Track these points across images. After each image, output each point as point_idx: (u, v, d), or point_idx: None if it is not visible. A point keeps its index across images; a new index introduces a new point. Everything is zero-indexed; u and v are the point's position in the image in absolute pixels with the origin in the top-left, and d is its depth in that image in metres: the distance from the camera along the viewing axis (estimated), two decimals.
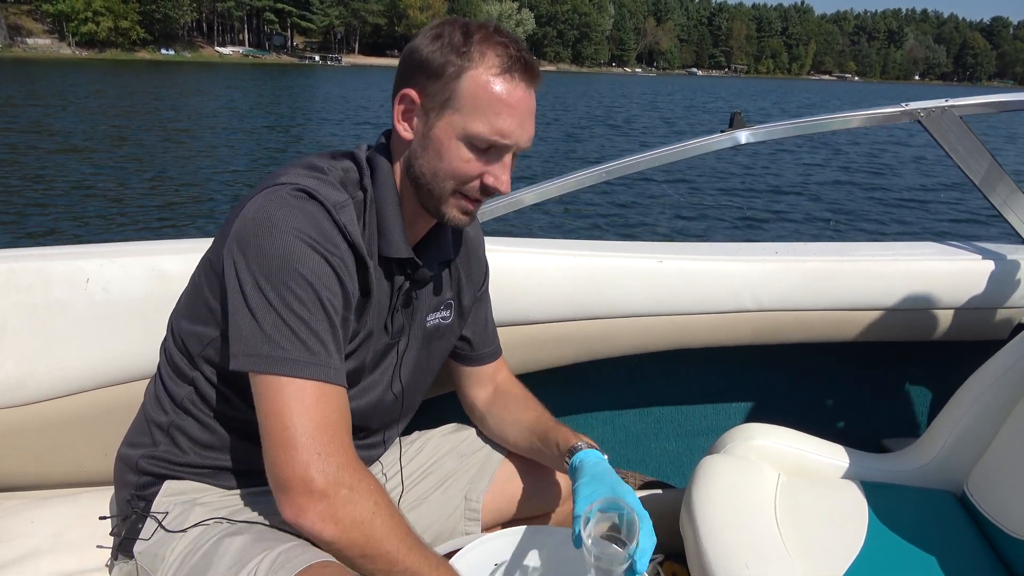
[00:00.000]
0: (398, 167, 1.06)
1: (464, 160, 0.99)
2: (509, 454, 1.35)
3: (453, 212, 1.04)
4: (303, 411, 0.93)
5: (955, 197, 11.96)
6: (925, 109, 1.76)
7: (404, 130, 1.02)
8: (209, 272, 1.06)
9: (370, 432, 1.22)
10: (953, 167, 1.88)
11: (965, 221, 10.37)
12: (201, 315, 1.07)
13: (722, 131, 1.76)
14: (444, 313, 1.23)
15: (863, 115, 1.80)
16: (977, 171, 1.85)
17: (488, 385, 1.36)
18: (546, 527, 1.30)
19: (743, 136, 1.76)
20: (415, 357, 1.21)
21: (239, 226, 0.97)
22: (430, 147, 1.00)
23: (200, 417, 1.10)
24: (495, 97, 0.96)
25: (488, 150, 0.99)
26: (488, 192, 1.03)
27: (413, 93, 1.00)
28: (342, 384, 0.98)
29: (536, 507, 1.36)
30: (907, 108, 1.77)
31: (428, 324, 1.21)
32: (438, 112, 0.99)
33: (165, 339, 1.16)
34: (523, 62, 0.98)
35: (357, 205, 1.04)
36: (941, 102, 1.76)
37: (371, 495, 0.94)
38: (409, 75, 1.01)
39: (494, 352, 1.36)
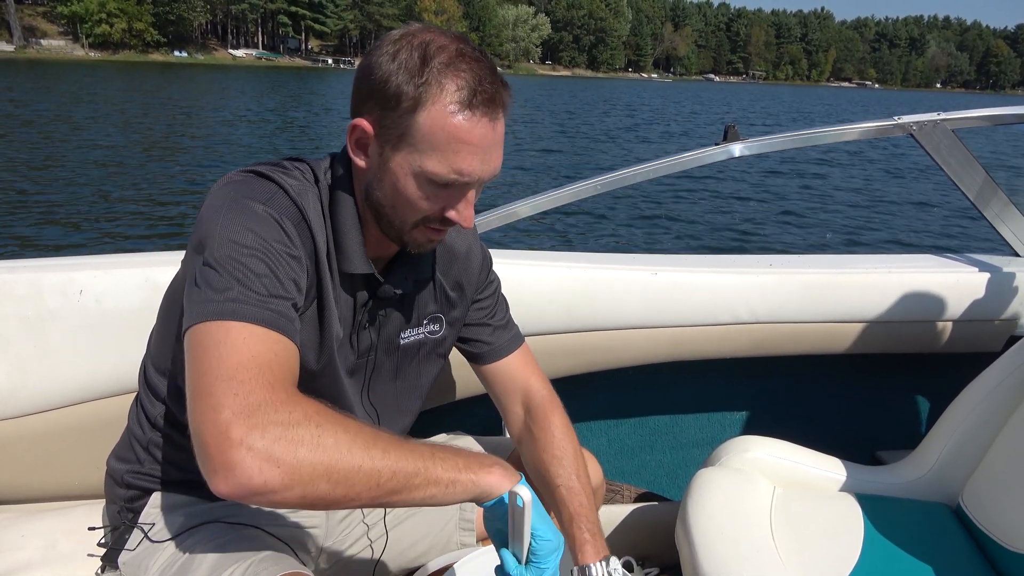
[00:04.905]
0: (358, 189, 1.00)
1: (423, 197, 0.93)
2: None
3: (417, 241, 1.00)
4: (225, 352, 0.79)
5: (951, 209, 11.80)
6: (917, 123, 1.76)
7: (359, 159, 0.96)
8: (177, 285, 1.05)
9: None
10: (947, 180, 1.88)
11: (959, 233, 10.22)
12: (170, 331, 1.05)
13: (716, 144, 1.76)
14: (432, 327, 1.19)
15: (857, 128, 1.80)
16: (970, 185, 1.85)
17: (515, 397, 1.25)
18: None
19: (737, 149, 1.76)
20: (392, 375, 1.18)
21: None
22: (386, 180, 0.94)
23: (172, 435, 1.09)
24: (453, 136, 0.88)
25: (448, 186, 0.93)
26: (451, 224, 0.98)
27: (365, 124, 0.92)
28: (285, 332, 0.85)
29: None
30: (900, 121, 1.77)
31: (405, 341, 1.16)
32: (393, 146, 0.91)
33: (144, 356, 1.15)
34: (486, 93, 0.89)
35: (317, 197, 0.99)
36: (934, 116, 1.76)
37: (311, 419, 0.78)
38: (362, 99, 0.92)
39: (502, 347, 1.25)
